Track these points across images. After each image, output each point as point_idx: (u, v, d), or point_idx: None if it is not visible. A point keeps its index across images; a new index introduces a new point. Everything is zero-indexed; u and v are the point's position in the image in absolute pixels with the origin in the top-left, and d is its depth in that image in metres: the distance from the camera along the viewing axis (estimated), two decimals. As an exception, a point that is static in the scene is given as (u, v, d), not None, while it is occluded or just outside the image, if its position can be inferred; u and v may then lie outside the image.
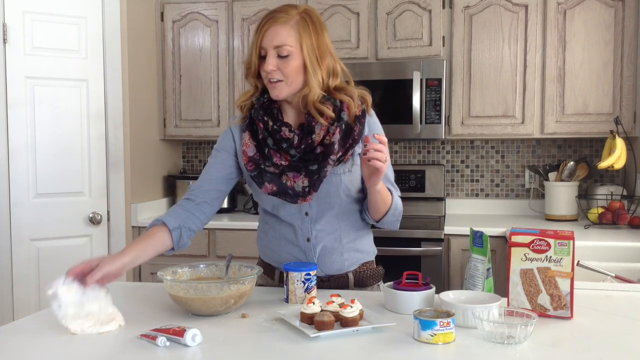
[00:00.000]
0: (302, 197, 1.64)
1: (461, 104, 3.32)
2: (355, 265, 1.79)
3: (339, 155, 1.63)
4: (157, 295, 1.71)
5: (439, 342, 1.27)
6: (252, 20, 3.52)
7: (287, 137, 1.64)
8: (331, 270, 1.76)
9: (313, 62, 1.60)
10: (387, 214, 1.71)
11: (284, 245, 1.77)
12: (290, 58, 1.59)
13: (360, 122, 1.66)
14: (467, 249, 2.07)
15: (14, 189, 2.98)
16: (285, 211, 1.72)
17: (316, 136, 1.63)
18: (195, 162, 4.05)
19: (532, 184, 3.61)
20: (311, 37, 1.60)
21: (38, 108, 3.02)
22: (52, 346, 1.31)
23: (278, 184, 1.64)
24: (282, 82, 1.61)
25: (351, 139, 1.65)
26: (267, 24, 1.60)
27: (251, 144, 1.68)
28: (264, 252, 1.85)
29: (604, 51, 3.17)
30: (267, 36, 1.59)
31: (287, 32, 1.58)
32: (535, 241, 1.47)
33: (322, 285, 1.76)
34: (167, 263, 1.84)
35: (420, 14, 3.33)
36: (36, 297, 3.03)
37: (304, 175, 1.63)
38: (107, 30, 3.21)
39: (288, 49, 1.58)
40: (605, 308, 1.57)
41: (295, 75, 1.61)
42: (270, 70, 1.59)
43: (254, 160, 1.67)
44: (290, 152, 1.64)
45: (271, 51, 1.59)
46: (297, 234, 1.74)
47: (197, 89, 3.63)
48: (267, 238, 1.82)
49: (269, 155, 1.65)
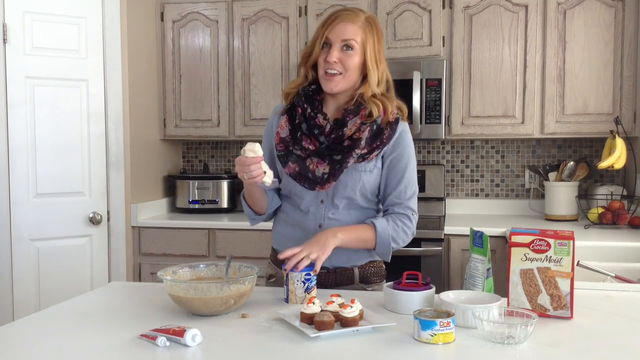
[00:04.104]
0: (320, 185, 1.73)
1: (461, 104, 3.32)
2: (362, 261, 1.83)
3: (363, 151, 1.72)
4: (157, 295, 1.71)
5: (439, 342, 1.27)
6: (252, 20, 3.53)
7: (321, 124, 1.75)
8: (338, 261, 1.80)
9: (373, 62, 1.72)
10: (375, 249, 1.78)
11: (297, 231, 1.83)
12: (353, 52, 1.70)
13: (392, 128, 1.76)
14: (467, 249, 2.07)
15: (14, 189, 2.98)
16: (303, 196, 1.79)
17: (347, 130, 1.72)
18: (195, 162, 4.05)
19: (532, 184, 3.61)
20: (374, 41, 1.73)
21: (38, 108, 3.02)
22: (52, 346, 1.31)
23: (301, 166, 1.74)
24: (339, 76, 1.71)
25: (379, 140, 1.74)
26: (337, 19, 1.71)
27: (286, 127, 1.79)
28: (276, 239, 1.91)
29: (604, 51, 3.17)
30: (335, 30, 1.70)
31: (356, 30, 1.70)
32: (535, 241, 1.47)
33: (328, 278, 1.80)
34: (168, 263, 1.83)
35: (420, 14, 3.33)
36: (36, 297, 3.02)
37: (327, 163, 1.72)
38: (107, 30, 3.21)
39: (354, 44, 1.70)
40: (605, 308, 1.57)
41: (354, 70, 1.72)
42: (332, 62, 1.69)
43: (284, 142, 1.78)
44: (320, 139, 1.74)
45: (337, 44, 1.70)
46: (309, 219, 1.80)
47: (197, 89, 3.63)
48: (281, 224, 1.89)
49: (299, 139, 1.76)
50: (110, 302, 1.69)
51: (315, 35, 1.75)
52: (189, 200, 3.65)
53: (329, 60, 1.69)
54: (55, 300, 1.74)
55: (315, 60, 1.75)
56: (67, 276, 3.09)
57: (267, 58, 3.53)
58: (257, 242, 3.24)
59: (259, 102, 3.55)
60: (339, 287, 1.81)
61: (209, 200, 3.64)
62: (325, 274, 1.80)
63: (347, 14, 1.72)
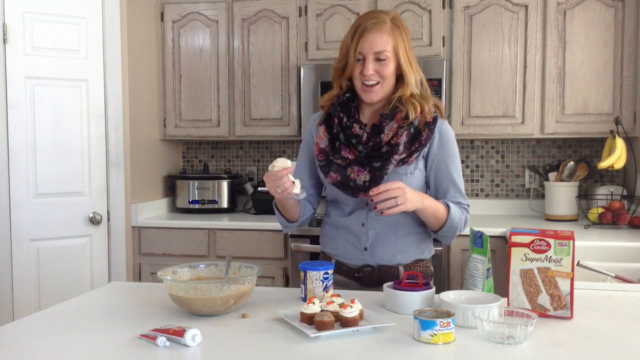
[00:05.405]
0: (363, 192, 1.74)
1: (461, 104, 3.32)
2: (408, 260, 1.83)
3: (402, 156, 1.75)
4: (157, 295, 1.71)
5: (439, 342, 1.27)
6: (252, 20, 3.53)
7: (357, 133, 1.77)
8: (382, 259, 1.81)
9: (407, 64, 1.76)
10: (442, 229, 1.78)
11: (340, 233, 1.86)
12: (388, 61, 1.73)
13: (430, 128, 1.77)
14: (467, 249, 2.07)
15: (14, 189, 2.98)
16: (347, 202, 1.83)
17: (384, 136, 1.75)
18: (195, 162, 4.05)
19: (532, 184, 3.61)
20: (404, 42, 1.76)
21: (38, 108, 3.03)
22: (52, 346, 1.31)
23: (343, 175, 1.76)
24: (378, 85, 1.75)
25: (417, 143, 1.76)
26: (365, 31, 1.72)
27: (325, 137, 1.82)
28: (324, 242, 1.96)
29: (604, 51, 3.17)
30: (366, 43, 1.72)
31: (386, 40, 1.72)
32: (535, 241, 1.47)
33: (372, 275, 1.81)
34: (168, 263, 1.83)
35: (420, 14, 3.33)
36: (36, 297, 3.03)
37: (368, 171, 1.74)
38: (107, 30, 3.21)
39: (387, 54, 1.73)
40: (605, 308, 1.57)
41: (391, 77, 1.76)
42: (370, 75, 1.72)
43: (324, 152, 1.81)
44: (359, 148, 1.77)
45: (370, 56, 1.72)
46: (353, 218, 1.82)
47: (197, 89, 3.63)
48: (326, 227, 1.93)
49: (338, 148, 1.79)
50: (110, 302, 1.68)
51: (345, 47, 1.77)
52: (189, 200, 3.65)
53: (365, 73, 1.72)
54: (55, 300, 1.74)
55: (349, 74, 1.77)
56: (67, 276, 3.09)
57: (267, 58, 3.53)
58: (257, 242, 3.24)
59: (259, 102, 3.55)
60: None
61: (209, 200, 3.64)
62: (370, 272, 1.82)
63: (373, 23, 1.72)
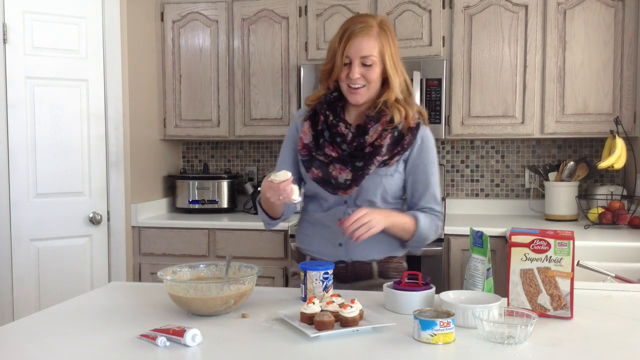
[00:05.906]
0: (343, 190, 1.79)
1: (461, 104, 3.32)
2: (380, 256, 1.86)
3: (385, 158, 1.79)
4: (157, 295, 1.71)
5: (439, 342, 1.27)
6: (252, 20, 3.53)
7: (342, 132, 1.80)
8: (356, 255, 1.84)
9: (392, 68, 1.78)
10: (411, 240, 1.83)
11: (317, 229, 1.89)
12: (374, 66, 1.76)
13: (413, 134, 1.82)
14: (467, 249, 2.07)
15: (14, 189, 2.98)
16: (327, 198, 1.85)
17: (369, 137, 1.78)
18: (195, 162, 4.05)
19: (532, 184, 3.61)
20: (390, 47, 1.78)
21: (38, 108, 3.03)
22: (52, 346, 1.31)
23: (324, 172, 1.80)
24: (364, 88, 1.78)
25: (400, 146, 1.80)
26: (352, 35, 1.75)
27: (309, 133, 1.84)
28: (299, 238, 1.98)
29: (604, 51, 3.17)
30: (353, 47, 1.75)
31: (372, 44, 1.75)
32: (535, 241, 1.47)
33: (346, 271, 1.83)
34: (168, 263, 1.83)
35: (420, 14, 3.33)
36: (36, 297, 3.02)
37: (350, 170, 1.78)
38: (107, 30, 3.21)
39: (373, 58, 1.75)
40: (605, 308, 1.57)
41: (377, 81, 1.79)
42: (356, 78, 1.75)
43: (307, 148, 1.83)
44: (342, 146, 1.80)
45: (357, 60, 1.75)
46: (330, 214, 1.86)
47: (197, 89, 3.63)
48: (303, 224, 1.96)
49: (322, 145, 1.82)
50: (110, 302, 1.68)
51: (332, 50, 1.80)
52: (189, 200, 3.65)
53: (351, 77, 1.75)
54: (55, 300, 1.74)
55: (336, 77, 1.80)
56: (67, 276, 3.09)
57: (267, 58, 3.53)
58: (257, 242, 3.24)
59: (259, 102, 3.55)
60: (357, 281, 1.83)
61: (209, 200, 3.64)
62: (344, 268, 1.83)
63: (360, 27, 1.74)
